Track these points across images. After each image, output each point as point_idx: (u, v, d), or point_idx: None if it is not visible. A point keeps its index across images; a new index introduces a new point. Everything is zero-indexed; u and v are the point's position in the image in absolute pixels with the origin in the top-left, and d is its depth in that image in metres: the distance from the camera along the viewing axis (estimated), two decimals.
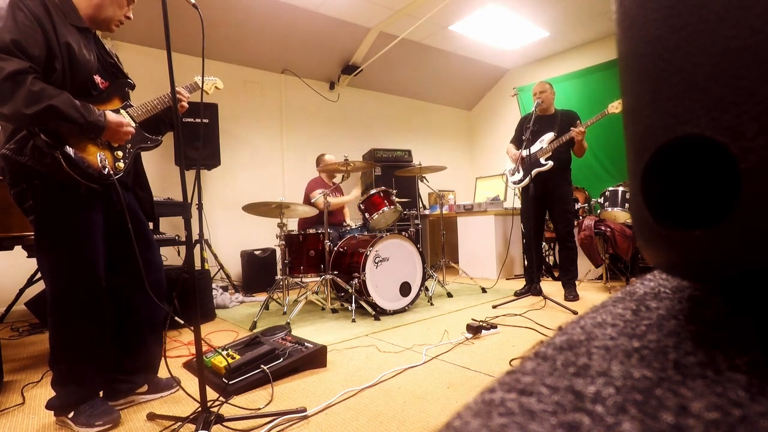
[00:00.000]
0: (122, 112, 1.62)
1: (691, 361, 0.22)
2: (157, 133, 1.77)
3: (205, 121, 4.07)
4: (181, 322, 2.70)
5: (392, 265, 3.09)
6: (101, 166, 1.52)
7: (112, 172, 1.56)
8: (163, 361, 1.71)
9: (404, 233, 3.25)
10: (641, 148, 0.24)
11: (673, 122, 0.22)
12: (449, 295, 3.62)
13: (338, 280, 3.07)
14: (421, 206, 5.16)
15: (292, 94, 5.21)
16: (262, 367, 1.82)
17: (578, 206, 4.26)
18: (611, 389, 0.21)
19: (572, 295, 3.26)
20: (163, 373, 1.83)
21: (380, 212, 3.29)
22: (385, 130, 6.08)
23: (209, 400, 1.43)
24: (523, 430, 0.19)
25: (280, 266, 3.45)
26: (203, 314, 3.09)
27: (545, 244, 4.72)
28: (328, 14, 4.43)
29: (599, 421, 0.18)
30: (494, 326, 2.46)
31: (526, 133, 3.18)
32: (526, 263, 3.76)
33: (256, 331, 2.56)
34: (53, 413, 1.54)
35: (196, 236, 3.87)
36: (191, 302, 1.38)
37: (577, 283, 3.49)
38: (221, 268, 4.08)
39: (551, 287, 3.74)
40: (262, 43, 4.61)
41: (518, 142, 3.53)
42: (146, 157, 1.83)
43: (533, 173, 3.29)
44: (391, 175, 4.97)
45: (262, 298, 3.92)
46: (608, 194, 3.81)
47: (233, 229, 4.61)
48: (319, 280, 3.19)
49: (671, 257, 0.24)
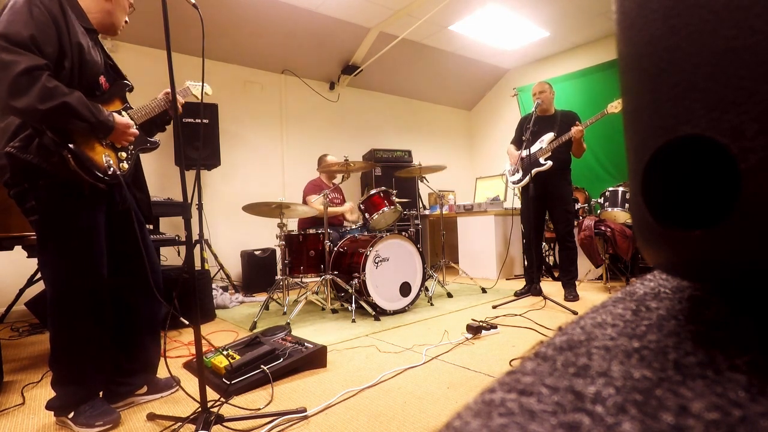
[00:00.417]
0: (123, 113, 1.62)
1: (691, 361, 0.22)
2: (149, 134, 1.79)
3: (205, 121, 4.07)
4: (185, 322, 2.70)
5: (392, 265, 3.09)
6: (107, 166, 1.53)
7: (119, 172, 1.58)
8: (163, 361, 1.71)
9: (404, 233, 3.25)
10: (641, 148, 0.24)
11: (673, 122, 0.22)
12: (449, 295, 3.62)
13: (338, 280, 3.07)
14: (421, 206, 5.16)
15: (292, 94, 5.21)
16: (262, 367, 1.81)
17: (578, 206, 4.26)
18: (611, 389, 0.21)
19: (572, 295, 3.26)
20: (163, 373, 1.83)
21: (380, 212, 3.29)
22: (385, 130, 6.08)
23: (209, 400, 1.43)
24: (523, 430, 0.19)
25: (280, 266, 3.45)
26: (203, 314, 3.09)
27: (545, 244, 4.72)
28: (328, 14, 4.43)
29: (599, 421, 0.18)
30: (494, 326, 2.46)
31: (526, 133, 3.19)
32: (526, 263, 3.76)
33: (256, 331, 2.56)
34: (53, 413, 1.54)
35: (196, 236, 3.87)
36: (191, 302, 1.38)
37: (577, 283, 3.49)
38: (221, 268, 4.08)
39: (551, 287, 3.74)
40: (262, 43, 4.61)
41: (518, 142, 3.53)
42: (146, 157, 1.84)
43: (533, 173, 3.29)
44: (391, 175, 4.97)
45: (262, 298, 3.92)
46: (608, 194, 3.81)
47: (233, 229, 4.61)
48: (319, 280, 3.19)
49: (671, 257, 0.24)
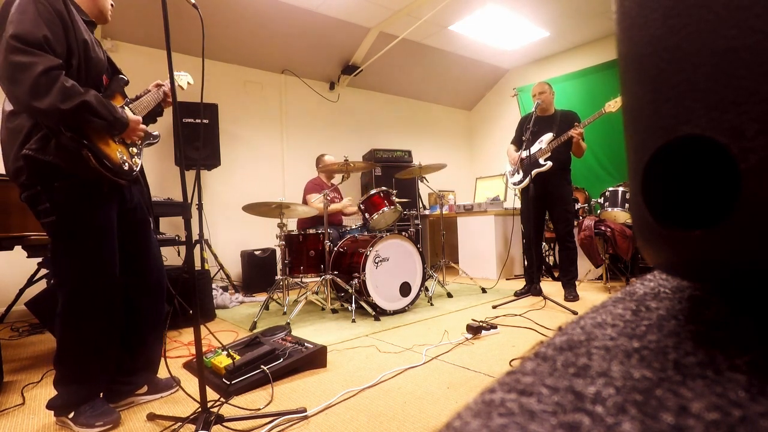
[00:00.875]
0: (126, 108, 1.63)
1: (691, 361, 0.22)
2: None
3: (205, 121, 4.07)
4: (190, 313, 2.71)
5: (392, 265, 3.09)
6: (122, 161, 1.55)
7: (135, 168, 1.59)
8: (163, 361, 1.71)
9: (404, 233, 3.25)
10: (641, 148, 0.24)
11: (673, 122, 0.22)
12: (449, 295, 3.62)
13: (338, 280, 3.07)
14: (421, 206, 5.16)
15: (292, 94, 5.21)
16: (262, 367, 1.81)
17: (578, 206, 4.26)
18: (611, 389, 0.21)
19: (572, 295, 3.26)
20: (163, 373, 1.83)
21: (380, 212, 3.29)
22: (385, 130, 6.08)
23: (209, 400, 1.43)
24: (523, 430, 0.19)
25: (280, 266, 3.45)
26: (203, 314, 3.09)
27: (545, 244, 4.72)
28: (328, 14, 4.43)
29: (599, 421, 0.18)
30: (494, 326, 2.46)
31: (526, 133, 3.19)
32: (526, 263, 3.76)
33: (256, 331, 2.56)
34: (53, 413, 1.54)
35: (196, 236, 3.87)
36: (191, 302, 1.38)
37: (577, 283, 3.49)
38: (221, 268, 4.08)
39: (551, 287, 3.74)
40: (262, 43, 4.61)
41: (518, 143, 3.53)
42: (146, 157, 1.84)
43: (533, 173, 3.29)
44: (391, 175, 4.97)
45: (262, 298, 3.92)
46: (608, 194, 3.81)
47: (233, 229, 4.61)
48: (319, 280, 3.19)
49: (671, 257, 0.24)
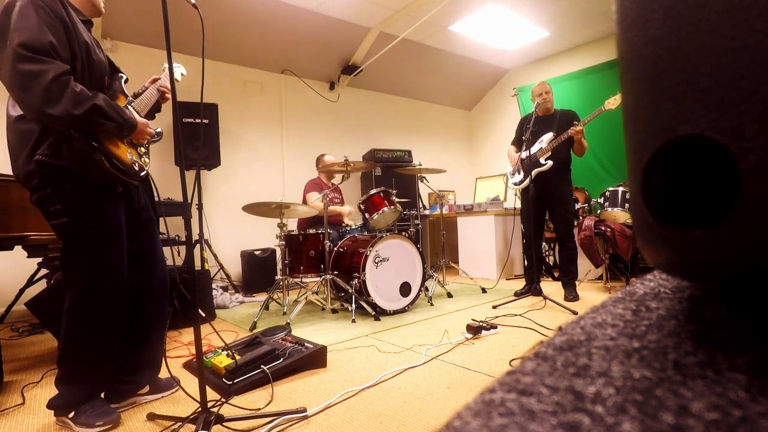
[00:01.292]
0: (130, 109, 1.63)
1: (691, 361, 0.22)
2: None
3: (205, 121, 4.07)
4: (202, 314, 2.75)
5: (392, 265, 3.09)
6: (132, 162, 1.56)
7: (145, 167, 1.61)
8: (163, 361, 1.71)
9: (404, 233, 3.25)
10: (641, 148, 0.24)
11: (673, 122, 0.22)
12: (449, 295, 3.62)
13: (338, 280, 3.07)
14: (421, 206, 5.16)
15: (292, 94, 5.21)
16: (262, 367, 1.81)
17: (578, 206, 4.26)
18: (611, 389, 0.21)
19: (572, 295, 3.26)
20: (163, 373, 1.83)
21: (380, 212, 3.29)
22: (385, 130, 6.08)
23: (209, 400, 1.43)
24: (523, 430, 0.19)
25: (280, 266, 3.45)
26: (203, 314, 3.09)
27: (545, 244, 4.72)
28: (328, 14, 4.43)
29: (599, 421, 0.18)
30: (494, 326, 2.46)
31: (526, 133, 3.19)
32: (526, 263, 3.76)
33: (256, 331, 2.56)
34: (53, 413, 1.54)
35: (196, 236, 3.87)
36: (191, 302, 1.38)
37: (577, 283, 3.49)
38: (221, 268, 4.08)
39: (551, 287, 3.74)
40: (262, 43, 4.61)
41: (519, 143, 3.53)
42: None
43: (533, 173, 3.29)
44: (391, 175, 4.97)
45: (262, 298, 3.92)
46: (608, 194, 3.81)
47: (233, 229, 4.61)
48: (319, 280, 3.19)
49: (671, 257, 0.24)
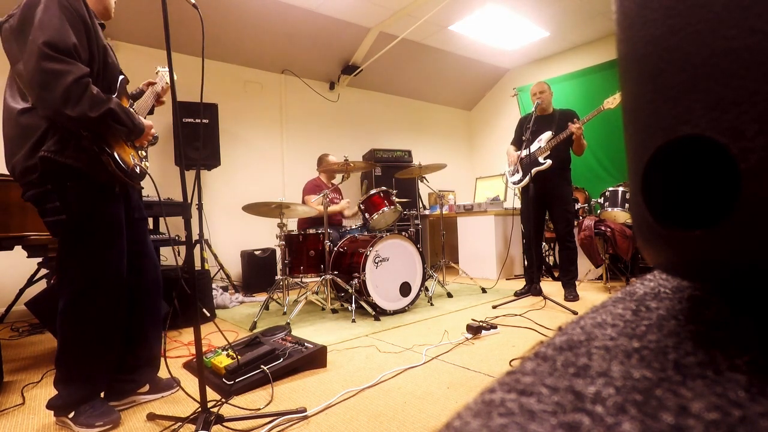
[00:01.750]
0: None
1: (691, 361, 0.22)
2: None
3: (205, 121, 4.07)
4: (207, 314, 2.77)
5: (392, 265, 3.09)
6: (134, 164, 1.58)
7: (146, 171, 1.63)
8: (162, 361, 1.71)
9: (404, 233, 3.25)
10: (641, 148, 0.24)
11: (673, 122, 0.22)
12: (449, 295, 3.62)
13: (338, 280, 3.07)
14: (421, 206, 5.16)
15: (292, 94, 5.21)
16: (262, 367, 1.81)
17: (578, 206, 4.26)
18: (611, 389, 0.21)
19: (572, 295, 3.26)
20: (163, 373, 1.83)
21: (380, 212, 3.29)
22: (385, 130, 6.08)
23: (209, 400, 1.43)
24: (523, 430, 0.19)
25: (280, 266, 3.45)
26: (203, 314, 3.09)
27: (545, 244, 4.72)
28: (328, 14, 4.43)
29: (599, 421, 0.18)
30: (494, 326, 2.46)
31: (525, 133, 3.19)
32: (526, 263, 3.76)
33: (256, 331, 2.56)
34: (53, 413, 1.54)
35: (196, 236, 3.87)
36: (191, 302, 1.38)
37: (577, 283, 3.49)
38: (221, 268, 4.08)
39: (551, 287, 3.74)
40: (262, 43, 4.61)
41: (518, 143, 3.53)
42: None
43: (533, 172, 3.29)
44: (391, 175, 4.96)
45: (262, 298, 3.92)
46: (608, 194, 3.81)
47: (233, 229, 4.61)
48: (319, 280, 3.19)
49: (671, 257, 0.24)
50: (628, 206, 3.51)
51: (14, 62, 1.42)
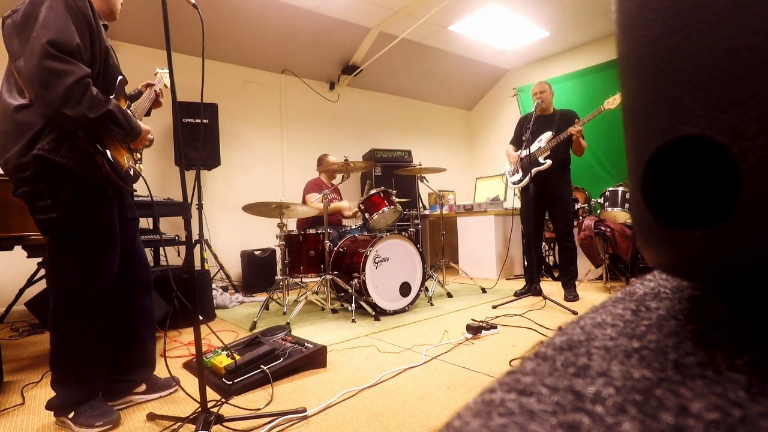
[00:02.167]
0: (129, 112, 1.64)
1: (691, 361, 0.22)
2: None
3: (205, 121, 4.07)
4: (200, 318, 2.75)
5: (392, 265, 3.09)
6: (129, 167, 1.57)
7: (139, 173, 1.64)
8: (162, 361, 1.71)
9: (404, 233, 3.25)
10: (641, 148, 0.24)
11: (673, 122, 0.22)
12: (449, 295, 3.62)
13: (338, 280, 3.07)
14: (421, 206, 5.16)
15: (292, 94, 5.21)
16: (262, 367, 1.81)
17: (578, 206, 4.26)
18: (611, 389, 0.21)
19: (572, 295, 3.26)
20: (162, 373, 1.83)
21: (380, 212, 3.28)
22: (385, 130, 6.08)
23: (209, 400, 1.43)
24: (523, 430, 0.19)
25: (280, 266, 3.45)
26: (203, 314, 3.09)
27: (545, 244, 4.72)
28: (328, 14, 4.43)
29: (599, 421, 0.18)
30: (494, 326, 2.46)
31: (525, 133, 3.19)
32: (526, 263, 3.76)
33: (256, 331, 2.56)
34: (53, 413, 1.54)
35: (196, 236, 3.87)
36: (191, 302, 1.38)
37: (577, 283, 3.49)
38: (221, 268, 4.08)
39: (551, 287, 3.74)
40: (262, 43, 4.61)
41: (517, 143, 3.53)
42: (146, 156, 1.85)
43: (532, 172, 3.29)
44: (391, 175, 4.97)
45: (262, 298, 3.92)
46: (608, 194, 3.81)
47: (233, 229, 4.61)
48: (319, 280, 3.19)
49: (671, 257, 0.24)
50: (628, 206, 3.51)
51: (14, 58, 1.41)
